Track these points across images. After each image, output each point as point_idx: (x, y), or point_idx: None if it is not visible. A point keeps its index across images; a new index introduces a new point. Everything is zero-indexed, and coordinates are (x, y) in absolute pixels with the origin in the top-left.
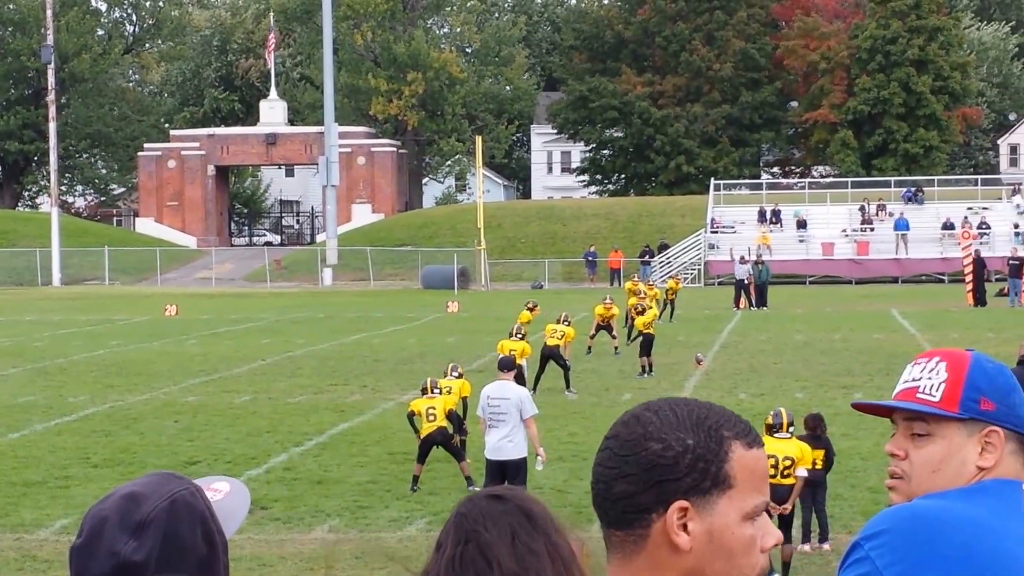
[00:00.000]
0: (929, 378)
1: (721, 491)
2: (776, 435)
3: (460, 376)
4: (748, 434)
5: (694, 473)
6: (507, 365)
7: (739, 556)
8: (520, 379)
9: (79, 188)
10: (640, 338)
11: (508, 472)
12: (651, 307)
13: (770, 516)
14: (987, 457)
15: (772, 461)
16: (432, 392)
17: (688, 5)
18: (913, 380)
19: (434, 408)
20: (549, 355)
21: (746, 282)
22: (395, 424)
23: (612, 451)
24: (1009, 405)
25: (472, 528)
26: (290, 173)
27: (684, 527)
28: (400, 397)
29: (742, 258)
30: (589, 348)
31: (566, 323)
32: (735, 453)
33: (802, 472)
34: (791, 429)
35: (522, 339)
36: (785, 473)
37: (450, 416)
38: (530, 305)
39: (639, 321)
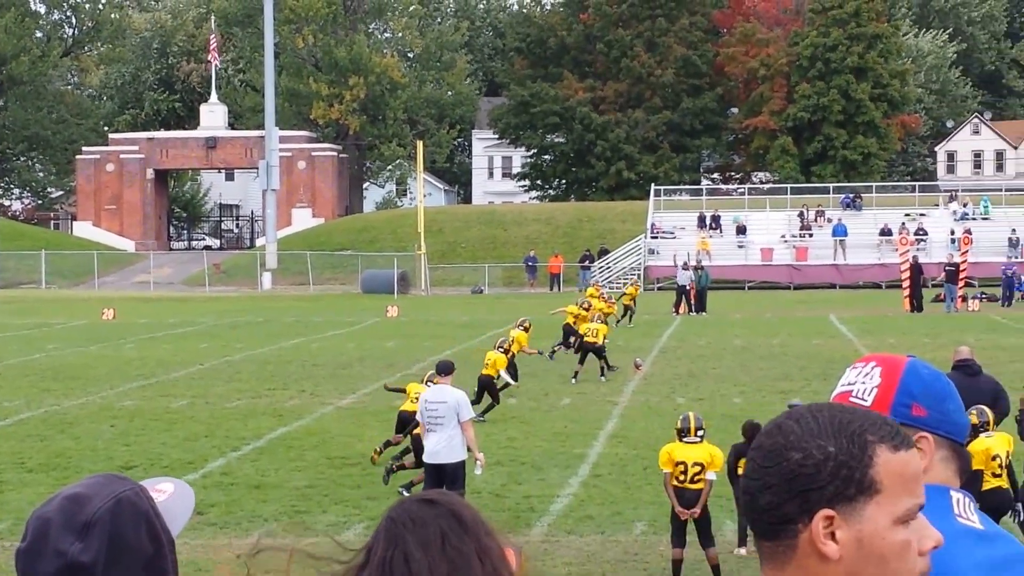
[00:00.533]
0: (863, 382)
1: (868, 497)
2: (685, 440)
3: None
4: (895, 437)
5: (837, 480)
6: (444, 369)
7: (893, 561)
8: (491, 388)
9: (16, 191)
10: (582, 344)
11: (446, 476)
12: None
13: (682, 522)
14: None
15: (681, 467)
16: None
17: (630, 11)
18: (848, 384)
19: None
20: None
21: (688, 288)
22: (333, 428)
23: (756, 462)
24: (942, 411)
25: (402, 532)
26: (230, 177)
27: (832, 536)
28: (338, 401)
29: (685, 264)
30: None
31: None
32: (880, 457)
33: (711, 476)
34: (700, 433)
35: (505, 353)
36: (695, 478)
37: None
38: (585, 305)
39: (604, 329)
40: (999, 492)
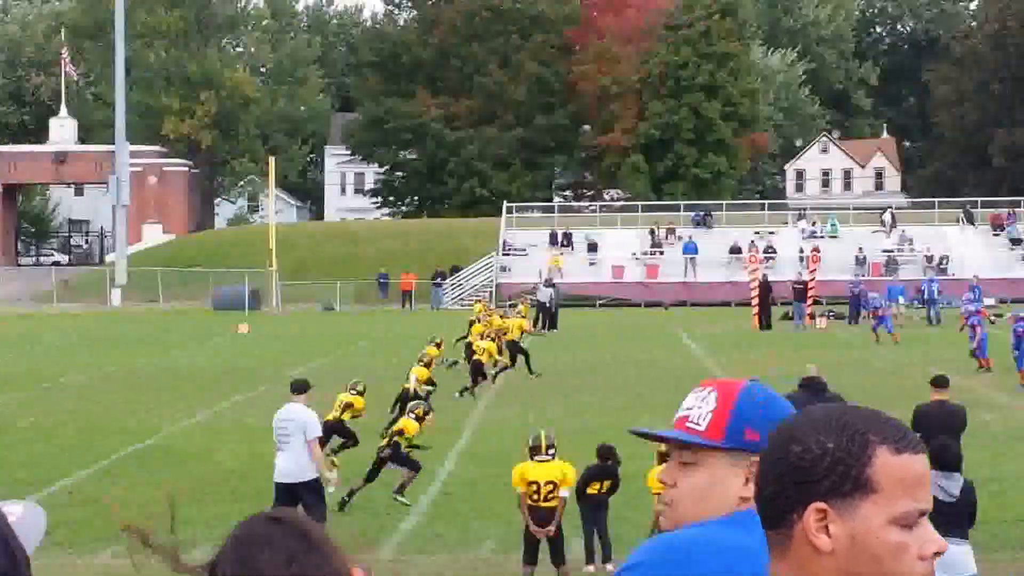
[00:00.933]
0: (699, 407)
1: (863, 495)
2: (536, 458)
3: (361, 393)
4: (900, 440)
5: (833, 475)
6: (296, 388)
7: (887, 562)
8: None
9: None
10: (473, 363)
11: (302, 495)
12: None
13: (535, 540)
14: (750, 487)
15: (534, 486)
16: (407, 414)
17: (483, 27)
18: (687, 409)
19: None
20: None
21: (547, 304)
22: (182, 446)
23: (764, 453)
24: None
25: (248, 551)
26: (80, 192)
27: (826, 529)
28: (189, 419)
29: (547, 281)
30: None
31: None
32: (880, 458)
33: (564, 493)
34: (551, 451)
35: (427, 367)
36: (548, 496)
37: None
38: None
39: (492, 348)
40: None
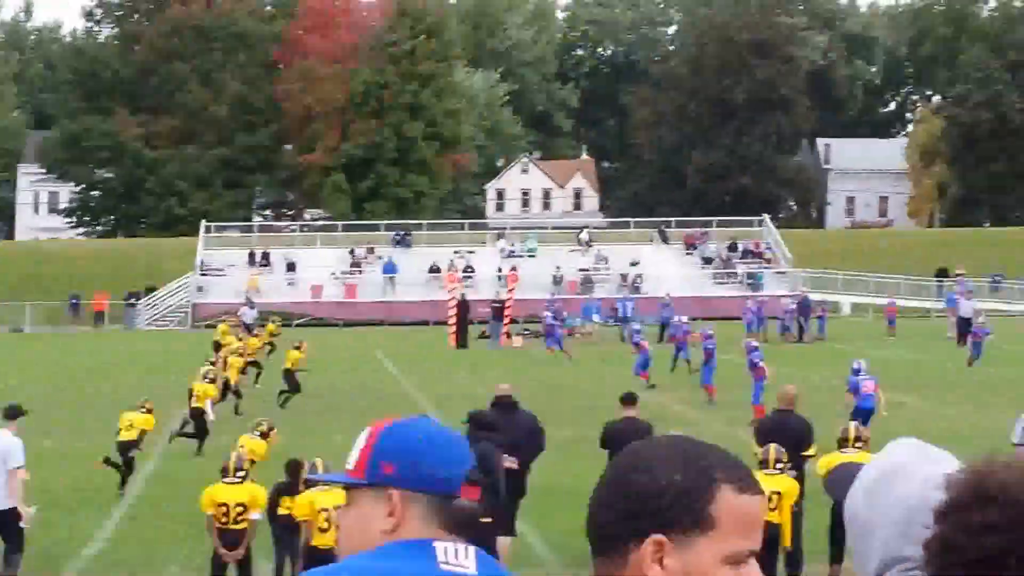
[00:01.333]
0: (353, 447)
1: (702, 531)
2: (226, 480)
3: (149, 411)
4: (743, 479)
5: (675, 509)
6: (9, 414)
7: None
8: (202, 421)
9: None
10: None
11: (5, 523)
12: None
13: (223, 563)
14: (390, 520)
15: (224, 508)
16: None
17: (185, 45)
18: (352, 449)
19: (244, 447)
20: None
21: (251, 326)
22: None
23: (605, 480)
24: (414, 467)
25: None
26: None
27: (660, 561)
28: None
29: (249, 302)
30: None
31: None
32: (722, 495)
33: (255, 516)
34: (241, 474)
35: (211, 383)
36: (237, 519)
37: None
38: (297, 344)
39: (238, 363)
40: None
